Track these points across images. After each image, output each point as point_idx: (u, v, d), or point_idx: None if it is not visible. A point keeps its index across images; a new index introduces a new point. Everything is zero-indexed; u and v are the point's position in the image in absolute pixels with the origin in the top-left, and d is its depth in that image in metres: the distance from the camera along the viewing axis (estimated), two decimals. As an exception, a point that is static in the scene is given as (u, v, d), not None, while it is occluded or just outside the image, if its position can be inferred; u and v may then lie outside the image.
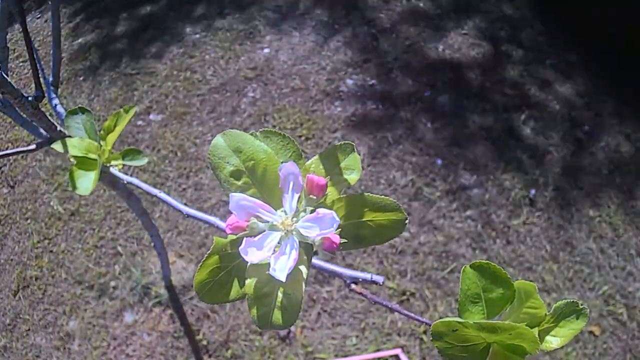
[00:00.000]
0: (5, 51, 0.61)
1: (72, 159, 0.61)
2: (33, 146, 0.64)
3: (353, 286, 0.40)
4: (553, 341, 0.36)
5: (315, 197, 0.32)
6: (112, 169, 0.66)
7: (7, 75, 0.55)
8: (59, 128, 0.65)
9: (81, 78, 2.00)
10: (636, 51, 1.90)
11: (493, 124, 1.73)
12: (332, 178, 0.36)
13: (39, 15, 2.31)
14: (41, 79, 0.58)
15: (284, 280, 0.29)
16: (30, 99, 0.57)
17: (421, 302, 1.36)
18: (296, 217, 0.32)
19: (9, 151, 0.62)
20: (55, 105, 0.71)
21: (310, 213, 0.32)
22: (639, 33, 1.94)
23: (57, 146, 0.60)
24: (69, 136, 0.63)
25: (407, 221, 0.34)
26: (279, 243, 0.32)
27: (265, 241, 0.32)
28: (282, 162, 0.32)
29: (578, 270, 1.42)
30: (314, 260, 0.40)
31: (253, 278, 0.32)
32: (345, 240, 0.33)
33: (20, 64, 2.08)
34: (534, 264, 1.43)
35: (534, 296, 0.34)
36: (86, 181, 0.60)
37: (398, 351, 1.26)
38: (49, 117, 0.64)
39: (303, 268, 0.33)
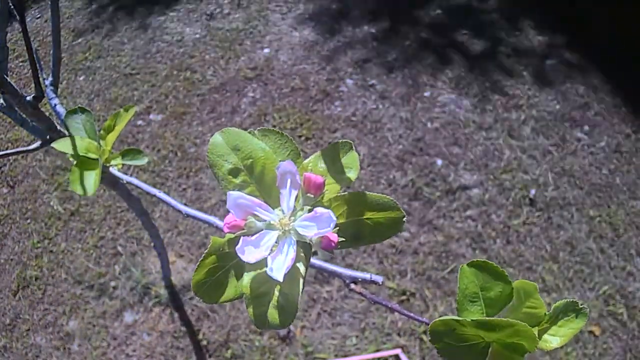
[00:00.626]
0: (5, 51, 0.61)
1: (72, 159, 0.61)
2: (33, 146, 0.64)
3: (353, 286, 0.39)
4: (553, 341, 0.36)
5: (312, 196, 0.32)
6: (112, 169, 0.66)
7: (7, 75, 0.55)
8: (59, 128, 0.65)
9: (81, 78, 2.00)
10: (636, 51, 1.90)
11: (492, 124, 1.72)
12: (332, 175, 0.35)
13: (39, 15, 2.31)
14: (41, 79, 0.58)
15: (281, 279, 0.29)
16: (30, 99, 0.57)
17: (421, 302, 1.36)
18: (294, 216, 0.32)
19: (9, 151, 0.62)
20: (55, 105, 0.71)
21: (308, 212, 0.32)
22: (639, 33, 1.94)
23: (58, 145, 0.60)
24: (69, 136, 0.63)
25: (404, 219, 0.34)
26: (276, 242, 0.32)
27: (262, 240, 0.31)
28: (280, 161, 0.32)
29: (578, 270, 1.42)
30: (314, 260, 0.40)
31: (250, 277, 0.32)
32: (344, 239, 0.33)
33: (20, 64, 2.08)
34: (534, 264, 1.42)
35: (534, 296, 0.34)
36: (88, 181, 0.60)
37: (398, 351, 1.26)
38: (49, 117, 0.64)
39: (301, 267, 0.32)
